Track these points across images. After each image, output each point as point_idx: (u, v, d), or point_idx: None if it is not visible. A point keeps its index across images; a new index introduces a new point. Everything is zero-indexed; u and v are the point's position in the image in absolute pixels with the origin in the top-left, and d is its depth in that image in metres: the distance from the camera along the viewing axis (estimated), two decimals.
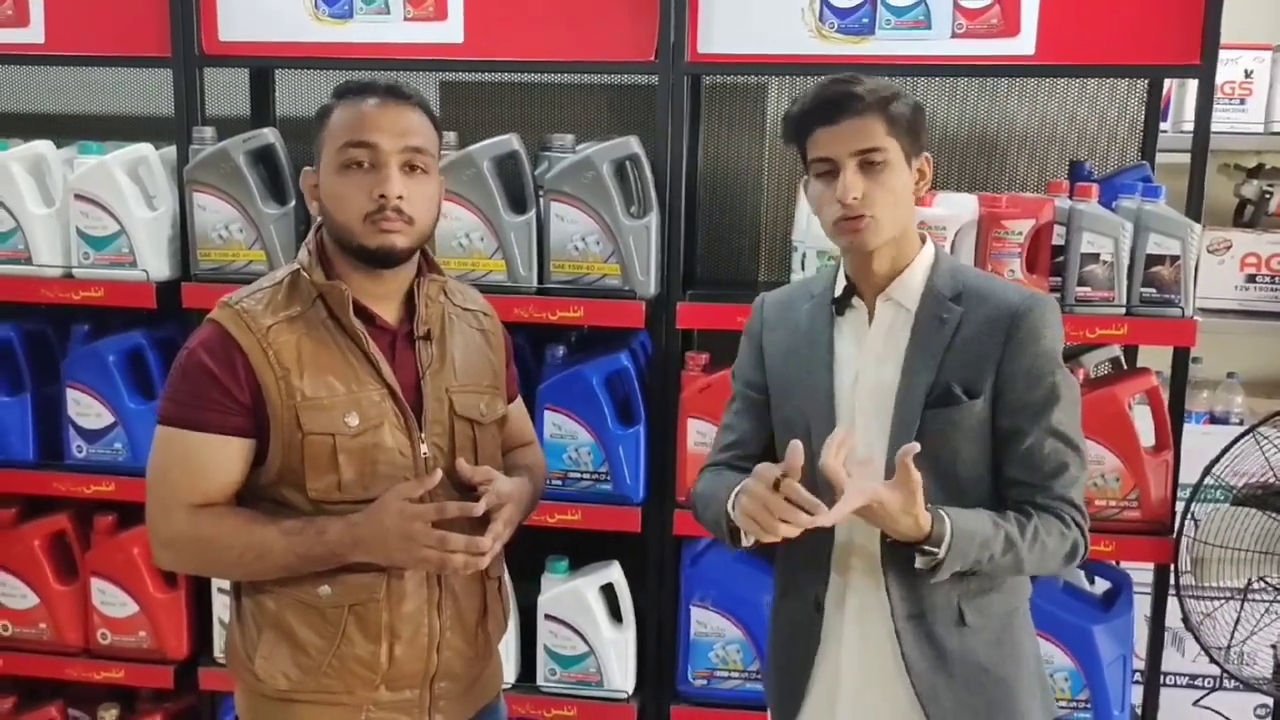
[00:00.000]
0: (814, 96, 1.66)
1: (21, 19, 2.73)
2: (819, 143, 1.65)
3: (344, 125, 1.66)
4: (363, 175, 1.64)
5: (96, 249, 2.65)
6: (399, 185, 1.63)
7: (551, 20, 2.53)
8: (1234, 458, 2.44)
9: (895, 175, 1.64)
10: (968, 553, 1.59)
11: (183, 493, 1.66)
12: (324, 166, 1.68)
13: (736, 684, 2.59)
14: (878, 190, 1.63)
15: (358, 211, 1.64)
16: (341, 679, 1.70)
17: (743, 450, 1.84)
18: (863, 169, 1.63)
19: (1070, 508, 1.67)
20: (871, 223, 1.64)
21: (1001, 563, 1.63)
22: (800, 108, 1.67)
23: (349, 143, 1.64)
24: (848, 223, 1.65)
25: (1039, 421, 1.66)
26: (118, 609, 2.76)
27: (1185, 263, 2.36)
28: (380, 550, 1.63)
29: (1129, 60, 2.41)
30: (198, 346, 1.66)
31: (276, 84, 3.00)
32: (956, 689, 1.71)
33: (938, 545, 1.58)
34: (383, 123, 1.64)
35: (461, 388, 1.77)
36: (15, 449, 2.75)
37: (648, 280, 2.51)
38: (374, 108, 1.66)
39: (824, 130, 1.64)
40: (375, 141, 1.63)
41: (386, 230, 1.64)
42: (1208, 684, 3.14)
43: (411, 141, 1.65)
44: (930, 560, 1.60)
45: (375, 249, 1.65)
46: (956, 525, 1.59)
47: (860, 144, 1.62)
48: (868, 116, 1.62)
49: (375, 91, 1.67)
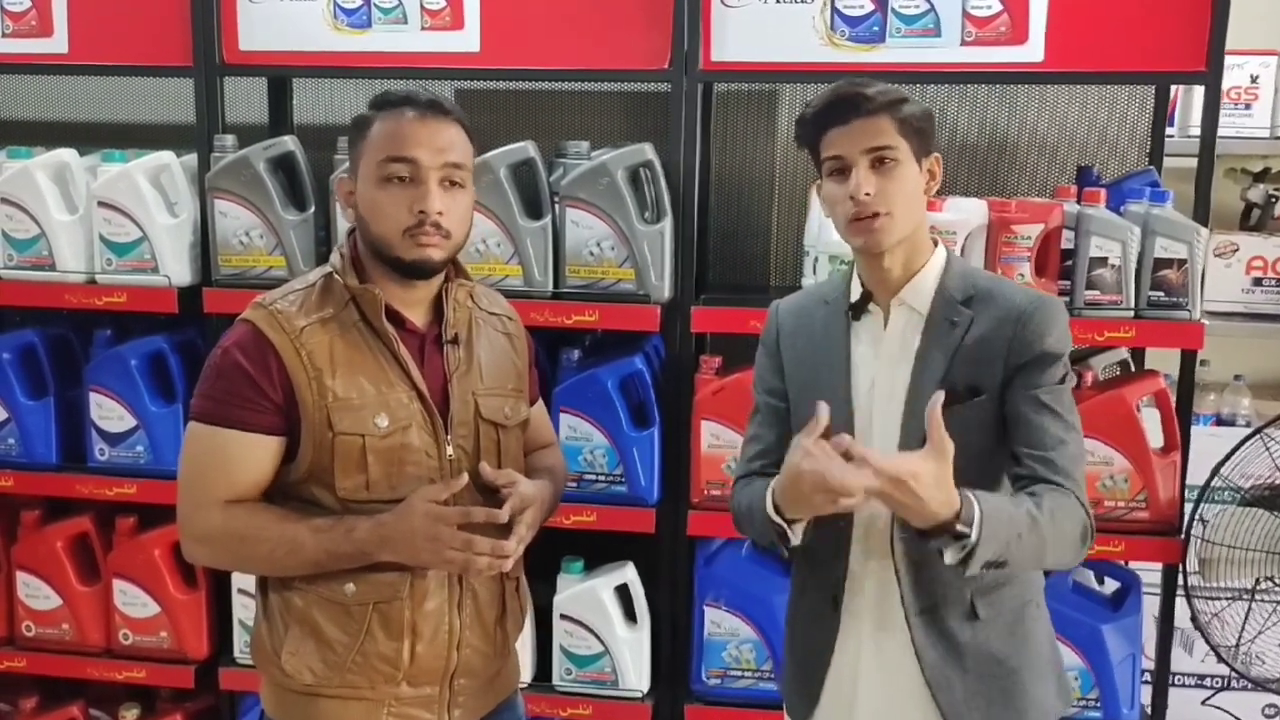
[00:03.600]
0: (826, 98, 1.70)
1: (46, 29, 2.77)
2: (831, 142, 1.69)
3: (385, 139, 1.69)
4: (402, 189, 1.67)
5: (119, 255, 2.69)
6: (439, 201, 1.67)
7: (566, 29, 2.56)
8: (1242, 459, 2.46)
9: (906, 173, 1.68)
10: (998, 533, 1.55)
11: (217, 489, 1.70)
12: (363, 177, 1.71)
13: (750, 683, 2.61)
14: (890, 186, 1.67)
15: (397, 225, 1.67)
16: (365, 675, 1.73)
17: (772, 458, 1.85)
18: (874, 167, 1.67)
19: (1075, 486, 1.67)
20: (886, 220, 1.67)
21: (1027, 544, 1.59)
22: (813, 109, 1.71)
23: (390, 157, 1.67)
24: (861, 222, 1.68)
25: (1041, 403, 1.68)
26: (139, 609, 2.79)
27: (1192, 267, 2.39)
28: (407, 550, 1.67)
29: (1136, 67, 2.44)
30: (232, 346, 1.70)
31: (295, 92, 3.04)
32: (968, 679, 1.74)
33: (968, 526, 1.53)
34: (423, 138, 1.67)
35: (488, 391, 1.80)
36: (39, 452, 2.79)
37: (662, 285, 2.54)
38: (415, 122, 1.68)
39: (836, 130, 1.68)
40: (416, 157, 1.67)
41: (424, 244, 1.68)
42: (1216, 683, 3.16)
43: (451, 157, 1.69)
44: (962, 547, 1.54)
45: (412, 262, 1.69)
46: (984, 504, 1.55)
47: (871, 142, 1.66)
48: (878, 116, 1.66)
49: (416, 105, 1.70)
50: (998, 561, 1.58)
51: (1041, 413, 1.68)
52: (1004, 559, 1.59)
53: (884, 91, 1.68)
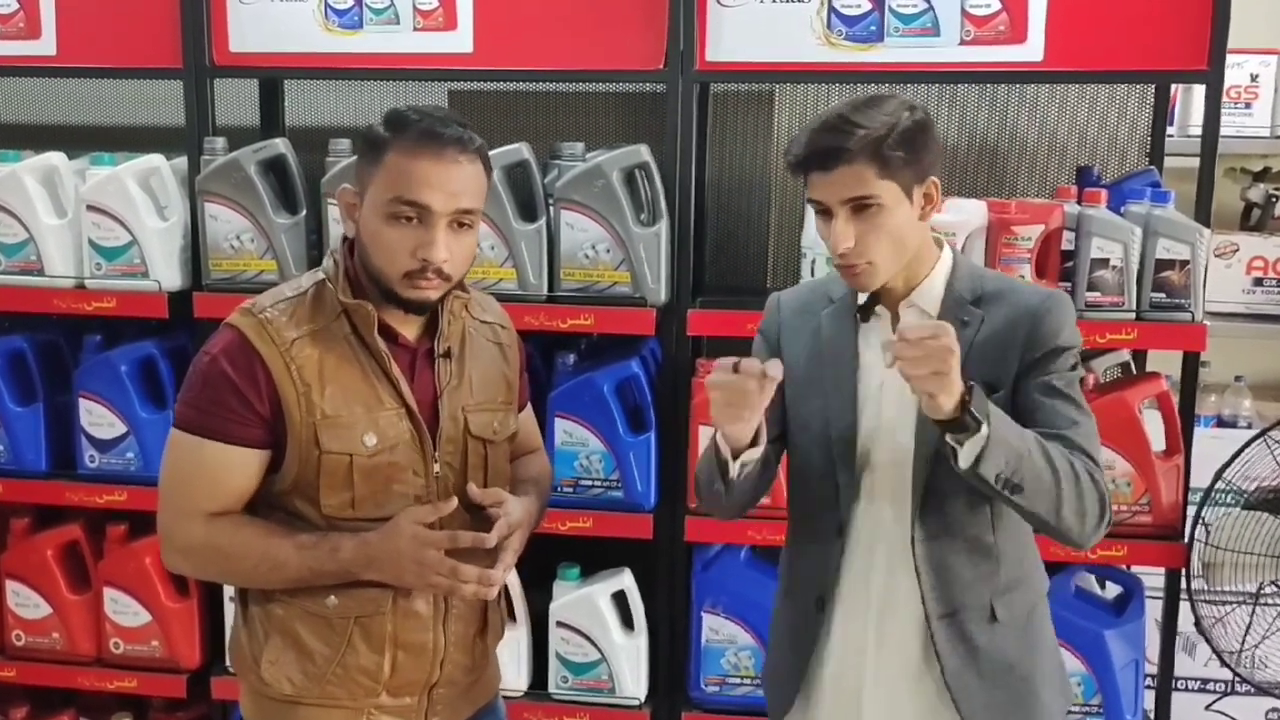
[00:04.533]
0: (806, 144, 1.65)
1: (33, 31, 2.74)
2: (814, 186, 1.67)
3: (397, 175, 1.61)
4: (409, 231, 1.61)
5: (108, 259, 2.66)
6: (444, 250, 1.61)
7: (560, 29, 2.54)
8: (1245, 462, 2.45)
9: (890, 217, 1.64)
10: (1009, 435, 1.54)
11: (199, 500, 1.67)
12: (369, 203, 1.65)
13: (748, 690, 2.59)
14: (871, 235, 1.64)
15: (398, 267, 1.62)
16: (345, 686, 1.71)
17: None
18: (856, 213, 1.64)
19: (1091, 461, 1.65)
20: (868, 269, 1.67)
21: (1038, 467, 1.57)
22: (794, 155, 1.67)
23: (401, 199, 1.60)
24: (844, 269, 1.69)
25: (1053, 387, 1.68)
26: (130, 618, 2.77)
27: (1195, 267, 2.37)
28: (393, 572, 1.65)
29: (1137, 66, 2.42)
30: (219, 354, 1.65)
31: (286, 94, 3.01)
32: (985, 686, 1.73)
33: (980, 412, 1.52)
34: (438, 181, 1.60)
35: (478, 406, 1.77)
36: (28, 459, 2.76)
37: (658, 287, 2.51)
38: (431, 163, 1.60)
39: (817, 175, 1.65)
40: (428, 203, 1.60)
41: (423, 288, 1.64)
42: (1220, 688, 3.14)
43: (463, 203, 1.63)
44: (977, 442, 1.52)
45: (408, 300, 1.65)
46: (991, 404, 1.55)
47: (851, 192, 1.62)
48: (858, 164, 1.61)
49: (435, 141, 1.61)
50: (1013, 481, 1.55)
51: (1054, 396, 1.67)
52: (1019, 477, 1.55)
53: (862, 137, 1.60)
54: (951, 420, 1.54)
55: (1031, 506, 1.60)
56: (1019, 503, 1.59)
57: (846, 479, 1.75)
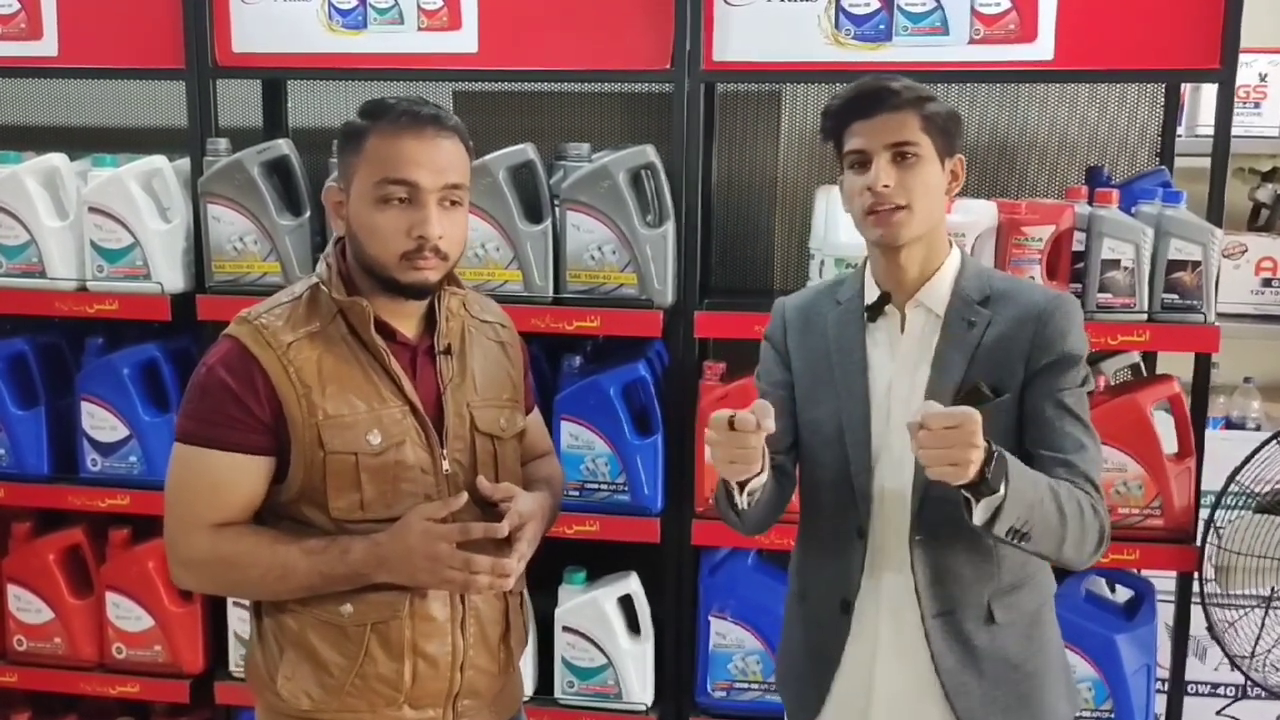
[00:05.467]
0: (851, 91, 1.70)
1: (35, 32, 2.73)
2: (854, 135, 1.69)
3: (382, 158, 1.62)
4: (400, 212, 1.62)
5: (111, 261, 2.64)
6: (439, 226, 1.62)
7: (565, 29, 2.52)
8: (1258, 465, 2.42)
9: (928, 170, 1.67)
10: (1025, 493, 1.54)
11: (204, 513, 1.65)
12: (357, 194, 1.65)
13: (756, 695, 2.57)
14: (910, 180, 1.66)
15: (395, 249, 1.62)
16: (365, 698, 1.69)
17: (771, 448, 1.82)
18: (895, 161, 1.66)
19: (1093, 489, 1.66)
20: (905, 214, 1.67)
21: (1049, 515, 1.57)
22: (838, 102, 1.71)
23: (388, 179, 1.61)
24: (878, 215, 1.67)
25: (1061, 405, 1.68)
26: (133, 623, 2.75)
27: (1207, 268, 2.35)
28: (405, 571, 1.62)
29: (1147, 65, 2.40)
30: (216, 363, 1.65)
31: (289, 95, 3.00)
32: (985, 684, 1.73)
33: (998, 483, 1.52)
34: (423, 158, 1.61)
35: (483, 402, 1.76)
36: (30, 462, 2.74)
37: (664, 289, 2.50)
38: (413, 141, 1.61)
39: (860, 123, 1.68)
40: (416, 180, 1.60)
41: (422, 268, 1.63)
42: (1232, 693, 3.12)
43: (451, 178, 1.63)
44: (992, 503, 1.52)
45: (408, 284, 1.65)
46: (1010, 461, 1.54)
47: (894, 137, 1.66)
48: (903, 112, 1.66)
49: (414, 120, 1.62)
50: (1022, 530, 1.56)
51: (1063, 416, 1.68)
52: (1028, 528, 1.56)
53: (910, 88, 1.68)
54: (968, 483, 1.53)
55: (1034, 550, 1.62)
56: (1022, 547, 1.60)
57: (863, 481, 1.74)
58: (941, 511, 1.69)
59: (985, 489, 1.51)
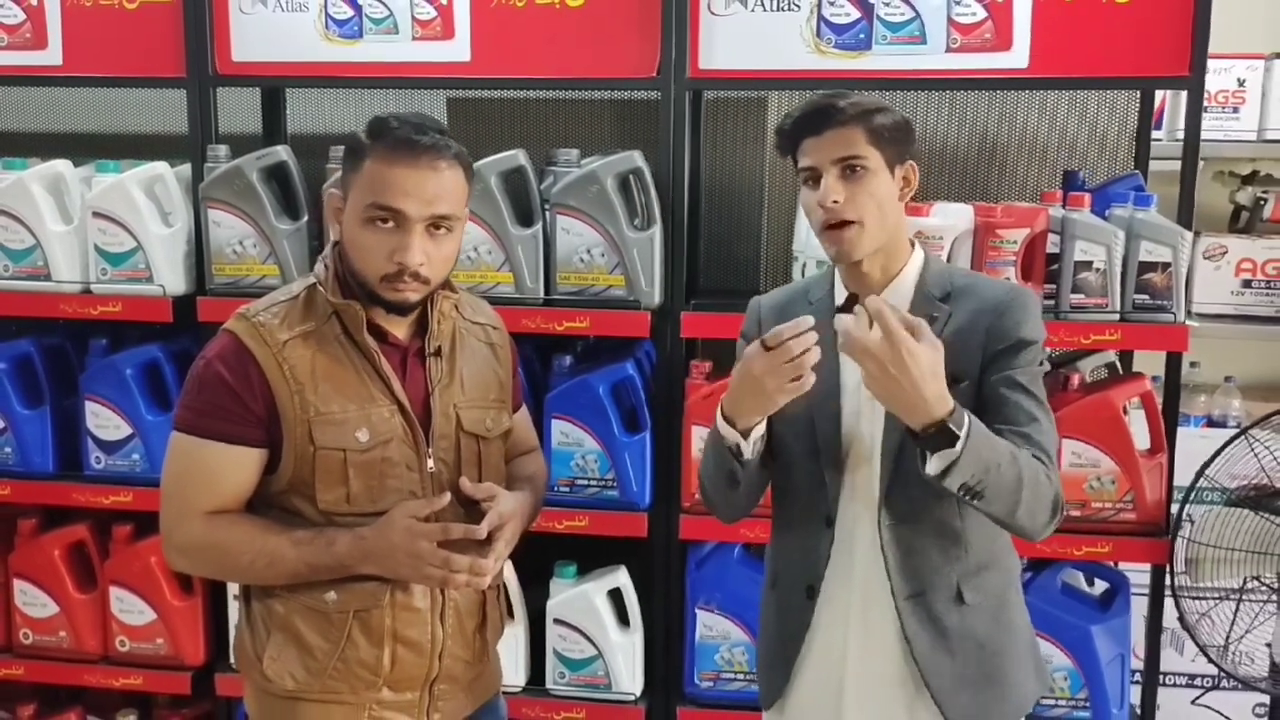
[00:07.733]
0: (801, 110, 1.76)
1: (40, 42, 2.79)
2: (805, 152, 1.75)
3: (374, 182, 1.65)
4: (385, 235, 1.66)
5: (114, 265, 2.71)
6: (419, 254, 1.65)
7: (556, 38, 2.58)
8: (1227, 460, 2.48)
9: (877, 182, 1.73)
10: (982, 452, 1.58)
11: (198, 500, 1.72)
12: (350, 209, 1.70)
13: (743, 685, 2.63)
14: (859, 195, 1.72)
15: (376, 270, 1.67)
16: (346, 680, 1.76)
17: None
18: (844, 176, 1.72)
19: (1047, 459, 1.71)
20: (856, 230, 1.73)
21: (1006, 477, 1.61)
22: (790, 121, 1.77)
23: (376, 204, 1.65)
24: (832, 230, 1.73)
25: (1015, 382, 1.73)
26: (136, 617, 2.81)
27: (1177, 270, 2.41)
28: (387, 565, 1.69)
29: (1120, 72, 2.45)
30: (214, 358, 1.71)
31: (288, 102, 3.06)
32: (956, 664, 1.78)
33: (958, 429, 1.56)
34: (412, 187, 1.64)
35: (470, 403, 1.82)
36: (35, 461, 2.80)
37: (652, 291, 2.56)
38: (406, 171, 1.64)
39: (810, 140, 1.74)
40: (402, 209, 1.64)
41: (401, 290, 1.68)
42: (1206, 683, 3.17)
43: (439, 209, 1.66)
44: (947, 457, 1.57)
45: (388, 302, 1.71)
46: (972, 419, 1.59)
47: (841, 152, 1.71)
48: (849, 127, 1.71)
49: (410, 149, 1.64)
50: (975, 489, 1.60)
51: (1017, 391, 1.73)
52: (982, 487, 1.60)
53: (856, 103, 1.72)
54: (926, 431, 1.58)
55: (986, 510, 1.66)
56: (974, 505, 1.65)
57: (832, 471, 1.81)
58: (909, 497, 1.76)
59: (942, 439, 1.57)
